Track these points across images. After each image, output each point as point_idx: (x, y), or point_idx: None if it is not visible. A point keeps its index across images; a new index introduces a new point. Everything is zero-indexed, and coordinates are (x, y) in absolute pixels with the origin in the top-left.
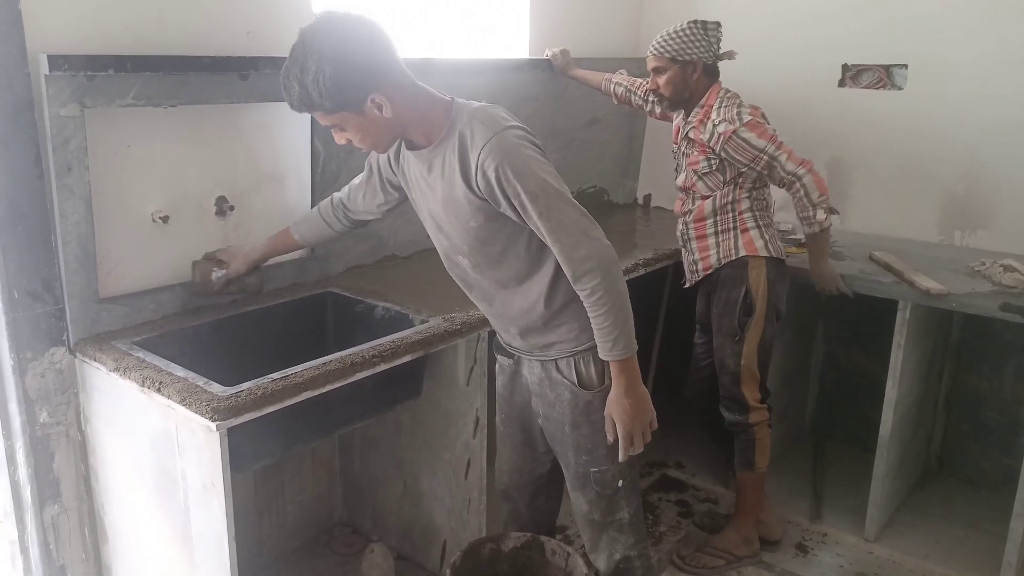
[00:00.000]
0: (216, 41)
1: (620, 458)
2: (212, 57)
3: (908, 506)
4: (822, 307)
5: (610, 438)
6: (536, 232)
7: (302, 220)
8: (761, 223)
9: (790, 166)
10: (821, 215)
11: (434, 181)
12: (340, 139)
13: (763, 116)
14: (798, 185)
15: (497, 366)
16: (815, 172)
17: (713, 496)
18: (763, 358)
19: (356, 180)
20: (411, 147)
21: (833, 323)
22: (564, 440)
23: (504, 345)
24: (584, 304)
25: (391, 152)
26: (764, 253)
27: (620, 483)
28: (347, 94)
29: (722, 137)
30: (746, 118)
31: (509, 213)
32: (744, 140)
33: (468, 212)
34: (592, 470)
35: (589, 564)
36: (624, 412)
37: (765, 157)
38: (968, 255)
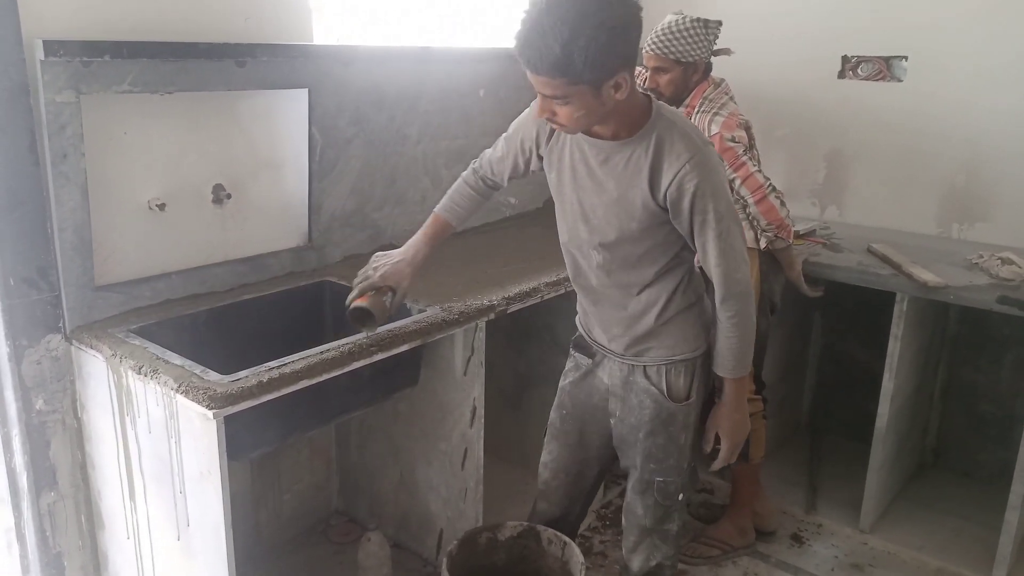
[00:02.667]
0: (213, 27)
1: (715, 467)
2: (209, 44)
3: (903, 498)
4: (818, 299)
5: (708, 448)
6: (698, 247)
7: (453, 203)
8: (751, 217)
9: (743, 191)
10: (763, 242)
11: (607, 174)
12: (545, 112)
13: (741, 125)
14: (750, 210)
15: (571, 363)
16: (767, 200)
17: (709, 486)
18: (757, 350)
19: (494, 152)
20: (590, 134)
21: (830, 315)
22: (635, 445)
23: (590, 343)
24: (720, 323)
25: (546, 131)
26: (754, 245)
27: (680, 496)
28: (606, 68)
29: None
30: (714, 131)
31: (679, 225)
32: None
33: (637, 214)
34: (658, 479)
35: (586, 554)
36: (733, 425)
37: None
38: (966, 248)
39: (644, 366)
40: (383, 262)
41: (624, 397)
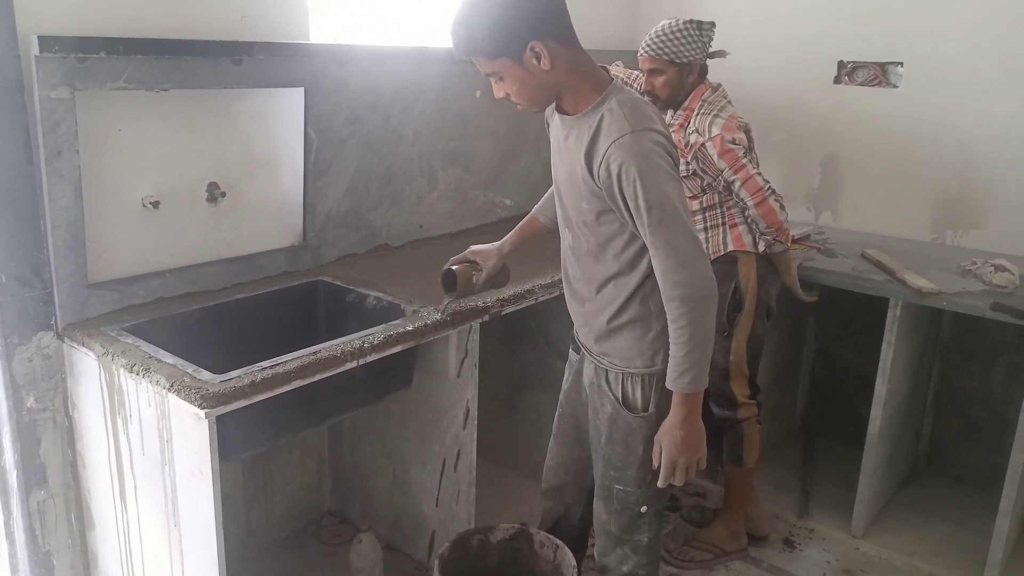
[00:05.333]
0: (210, 25)
1: (660, 484)
2: (205, 41)
3: (896, 502)
4: (813, 304)
5: (655, 463)
6: (644, 240)
7: (545, 202)
8: (750, 219)
9: (742, 194)
10: (761, 246)
11: (568, 149)
12: (499, 92)
13: (741, 128)
14: (749, 213)
15: (568, 361)
16: (767, 203)
17: (702, 490)
18: (752, 354)
19: None
20: (560, 110)
21: (824, 320)
22: (598, 449)
23: (577, 340)
24: (669, 328)
25: (550, 113)
26: (752, 249)
27: (643, 508)
28: (509, 39)
29: (693, 148)
30: (715, 132)
31: (620, 213)
32: (708, 155)
33: (582, 192)
34: (617, 487)
35: (578, 557)
36: (674, 443)
37: (722, 178)
38: (959, 254)
39: (607, 371)
40: (482, 246)
41: (592, 399)
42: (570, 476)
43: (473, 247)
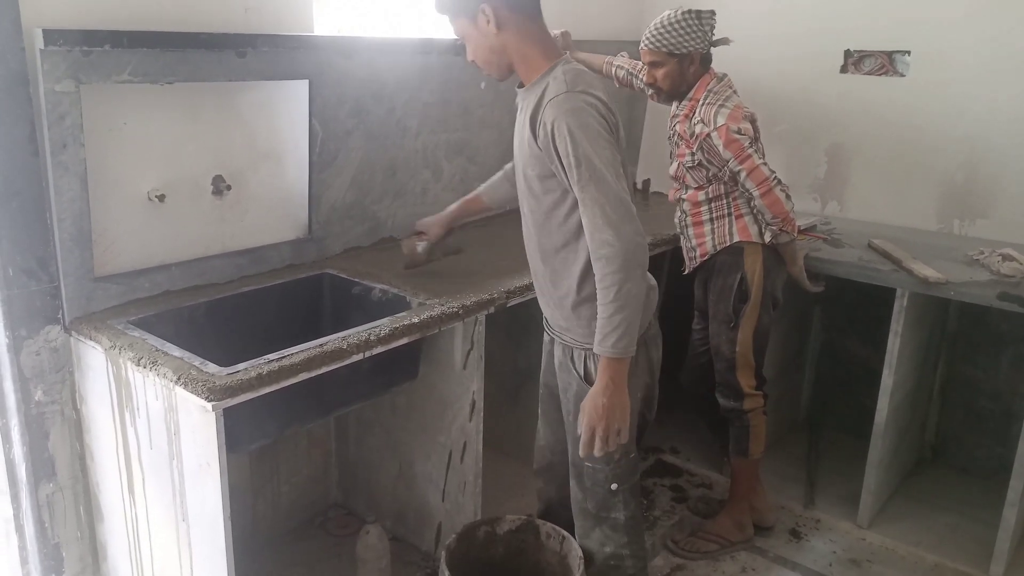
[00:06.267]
0: (214, 17)
1: (580, 453)
2: (210, 34)
3: (901, 493)
4: (819, 295)
5: (579, 432)
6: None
7: (490, 184)
8: (755, 210)
9: (748, 184)
10: (767, 236)
11: (520, 120)
12: (468, 55)
13: (746, 118)
14: (755, 203)
15: (543, 343)
16: (773, 193)
17: (707, 481)
18: (759, 345)
19: None
20: (520, 86)
21: (830, 311)
22: (569, 428)
23: (546, 321)
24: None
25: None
26: (758, 240)
27: (614, 486)
28: (461, 1)
29: (698, 138)
30: (720, 122)
31: (559, 174)
32: (713, 145)
33: (528, 157)
34: (587, 465)
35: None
36: (594, 409)
37: (727, 168)
38: (967, 244)
39: (572, 348)
40: (429, 217)
41: (561, 377)
42: (556, 456)
43: (424, 219)
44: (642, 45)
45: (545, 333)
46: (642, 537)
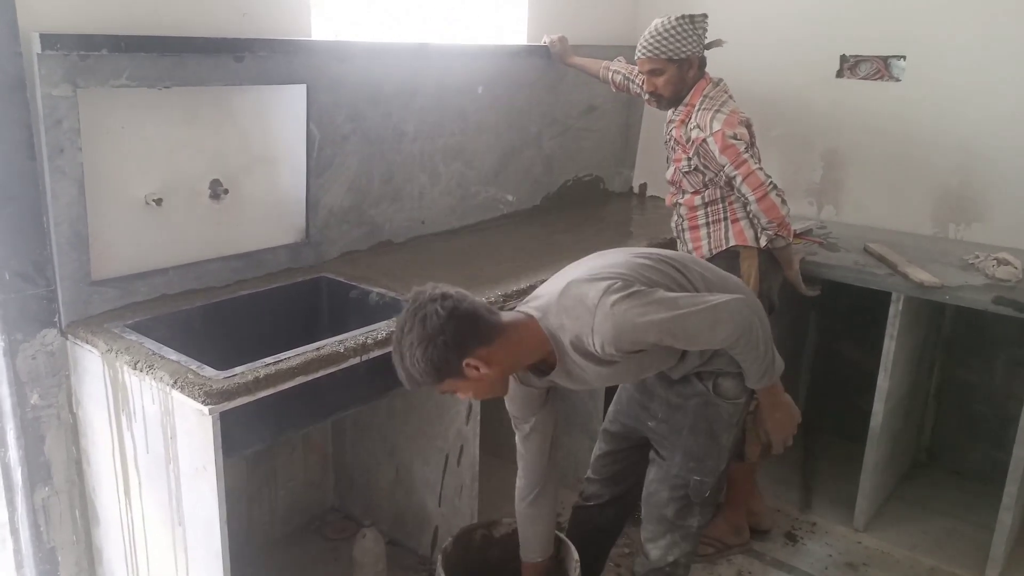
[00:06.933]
0: (211, 22)
1: (775, 451)
2: (207, 38)
3: (897, 497)
4: (815, 298)
5: (764, 438)
6: None
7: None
8: (751, 214)
9: (744, 188)
10: (763, 241)
11: (578, 380)
12: (462, 396)
13: (742, 123)
14: (751, 208)
15: None
16: (769, 198)
17: None
18: None
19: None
20: (539, 373)
21: (826, 314)
22: (675, 444)
23: None
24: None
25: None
26: (754, 244)
27: (708, 494)
28: (441, 369)
29: (694, 143)
30: (716, 128)
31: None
32: (709, 150)
33: (622, 369)
34: (695, 478)
35: (580, 550)
36: (775, 423)
37: (723, 173)
38: (962, 248)
39: (698, 373)
40: None
41: (668, 399)
42: (619, 465)
43: None
44: (639, 54)
45: None
46: (698, 543)
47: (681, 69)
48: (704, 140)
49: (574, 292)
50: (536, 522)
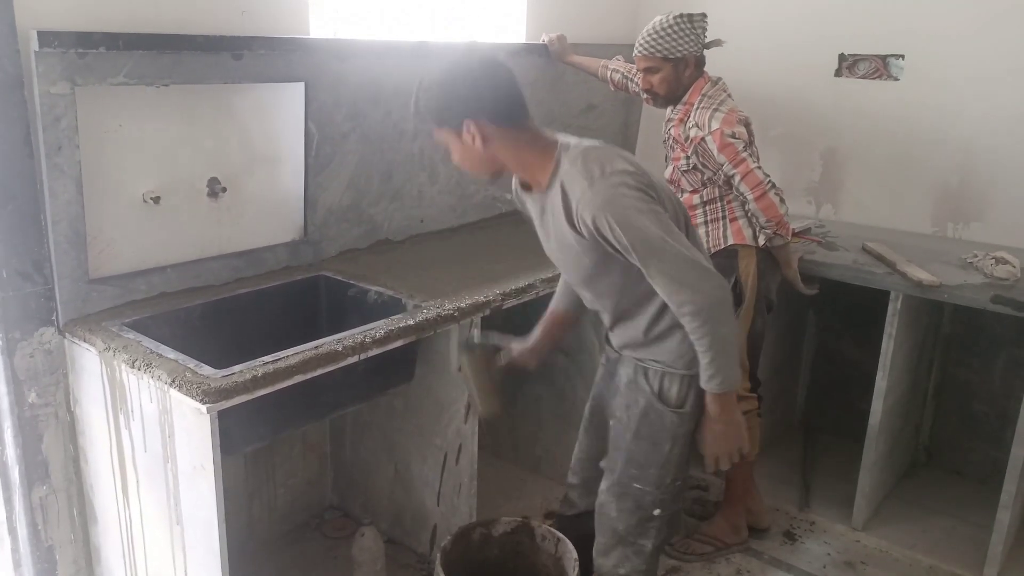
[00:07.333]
0: (210, 20)
1: (707, 470)
2: (206, 36)
3: (896, 496)
4: (813, 297)
5: (700, 448)
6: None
7: (560, 294)
8: (750, 213)
9: (742, 187)
10: (762, 239)
11: (547, 224)
12: (453, 159)
13: (741, 122)
14: (749, 207)
15: (603, 356)
16: (767, 197)
17: (703, 484)
18: (753, 348)
19: None
20: (525, 188)
21: (825, 313)
22: (620, 447)
23: (612, 344)
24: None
25: (515, 187)
26: (752, 243)
27: (656, 511)
28: (443, 115)
29: (693, 142)
30: (714, 126)
31: (620, 253)
32: (708, 149)
33: (581, 252)
34: (635, 486)
35: (579, 551)
36: (713, 436)
37: (722, 172)
38: (961, 247)
39: (647, 368)
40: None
41: (626, 395)
42: (595, 471)
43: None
44: (636, 52)
45: (608, 350)
46: (658, 566)
47: (677, 68)
48: (702, 139)
49: (602, 157)
50: (564, 290)
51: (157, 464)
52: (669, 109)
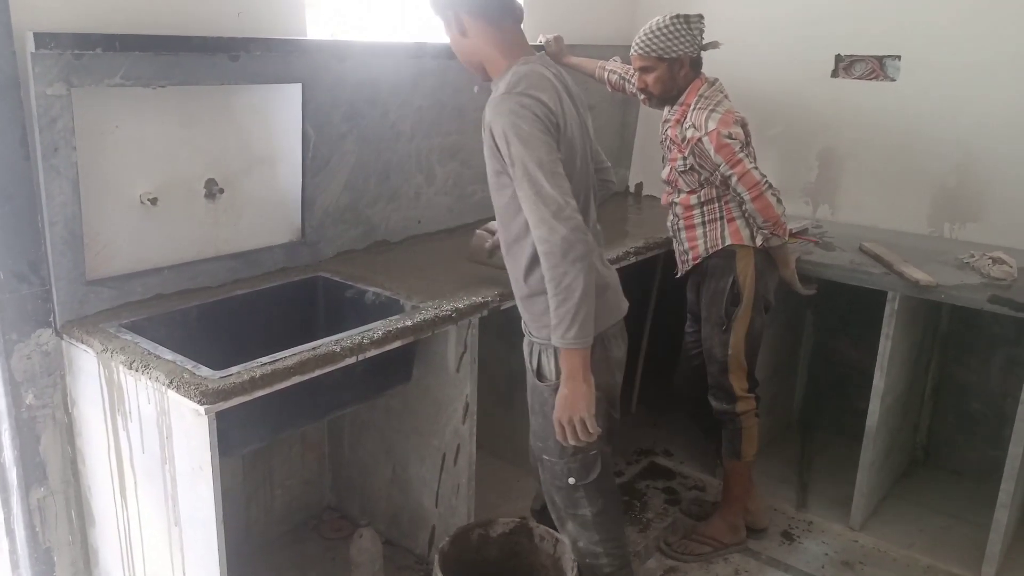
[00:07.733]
0: (206, 21)
1: (558, 438)
2: (202, 37)
3: (894, 495)
4: (811, 297)
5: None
6: None
7: None
8: (747, 214)
9: (739, 188)
10: (759, 240)
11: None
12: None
13: (737, 122)
14: (746, 207)
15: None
16: (764, 197)
17: (701, 484)
18: (751, 348)
19: None
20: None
21: (822, 313)
22: (532, 421)
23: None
24: None
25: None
26: (750, 243)
27: (571, 480)
28: (437, 5)
29: (690, 143)
30: (711, 127)
31: (507, 171)
32: (705, 149)
33: (488, 156)
34: (544, 457)
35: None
36: (559, 400)
37: (719, 173)
38: (957, 247)
39: (532, 343)
40: None
41: (527, 372)
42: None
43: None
44: (632, 51)
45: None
46: (618, 536)
47: (672, 68)
48: (699, 139)
49: (534, 81)
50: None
51: (155, 465)
52: (666, 110)
